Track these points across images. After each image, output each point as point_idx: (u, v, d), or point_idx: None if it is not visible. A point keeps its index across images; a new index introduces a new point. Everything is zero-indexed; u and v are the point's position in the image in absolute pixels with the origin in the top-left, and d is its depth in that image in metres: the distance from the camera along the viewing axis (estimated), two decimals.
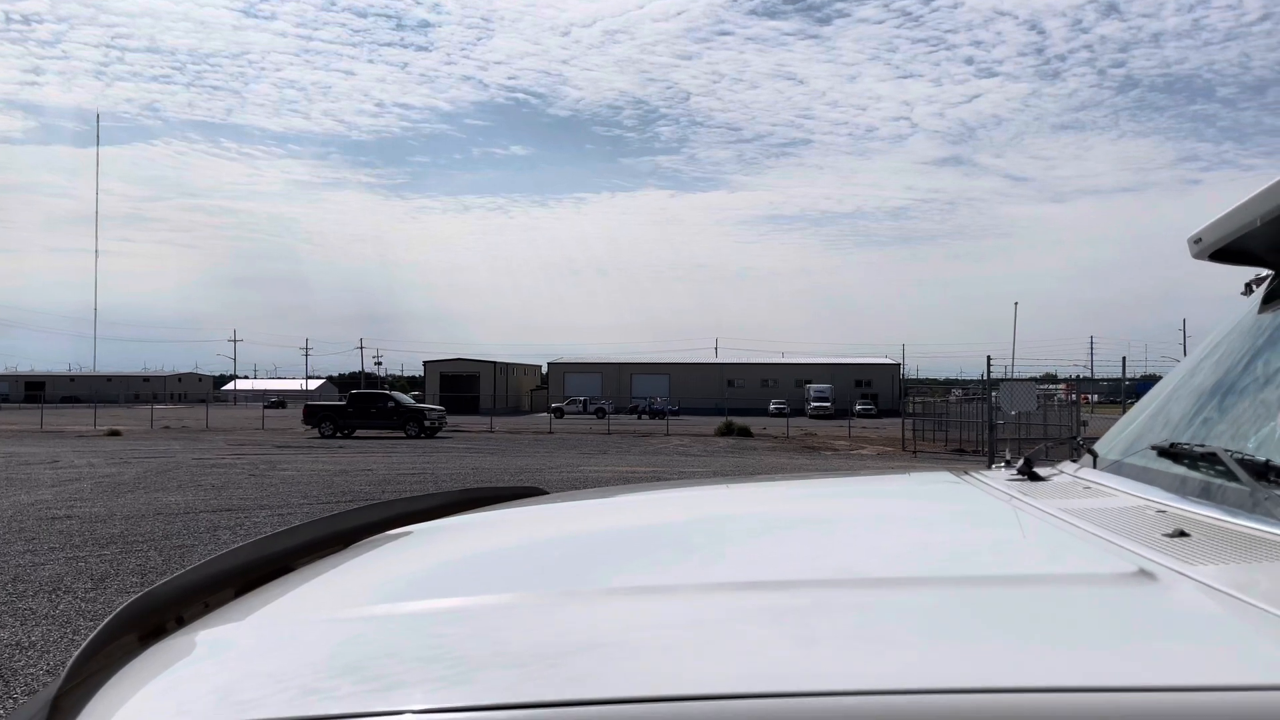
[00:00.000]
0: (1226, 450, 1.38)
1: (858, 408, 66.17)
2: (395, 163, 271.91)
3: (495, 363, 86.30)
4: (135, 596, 1.29)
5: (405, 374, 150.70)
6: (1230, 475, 1.36)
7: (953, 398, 39.32)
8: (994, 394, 23.38)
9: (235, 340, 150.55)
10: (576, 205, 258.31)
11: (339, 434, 35.57)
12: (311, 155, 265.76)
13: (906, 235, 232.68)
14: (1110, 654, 0.87)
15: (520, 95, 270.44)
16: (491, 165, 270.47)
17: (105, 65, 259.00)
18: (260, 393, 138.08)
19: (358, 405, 36.72)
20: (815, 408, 68.19)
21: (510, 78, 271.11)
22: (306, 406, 38.56)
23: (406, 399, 39.78)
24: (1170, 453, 1.62)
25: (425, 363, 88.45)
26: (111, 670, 1.11)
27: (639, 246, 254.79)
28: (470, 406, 72.80)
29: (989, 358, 24.67)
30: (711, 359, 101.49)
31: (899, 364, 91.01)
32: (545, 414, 62.64)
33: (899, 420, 36.69)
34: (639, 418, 62.21)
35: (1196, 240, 2.21)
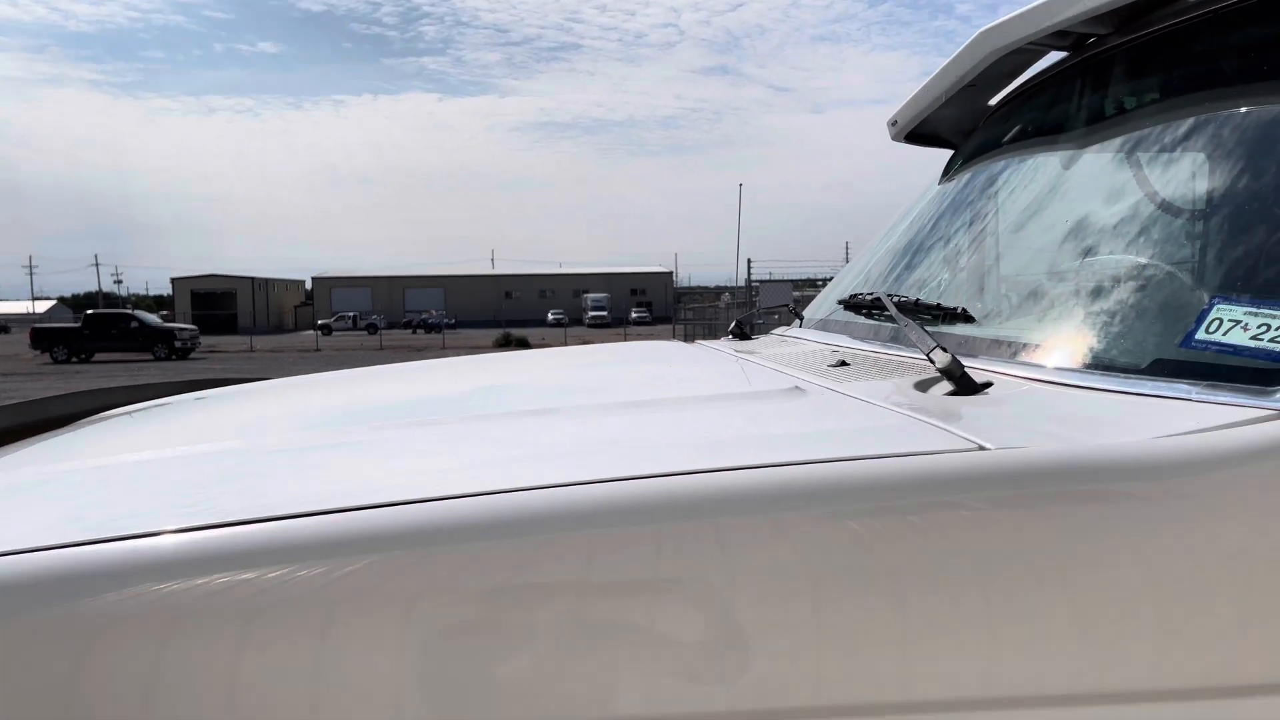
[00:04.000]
0: (889, 295, 1.58)
1: (633, 315, 67.95)
2: (124, 58, 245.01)
3: (253, 279, 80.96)
4: None
5: (151, 293, 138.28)
6: (889, 316, 1.55)
7: (722, 303, 41.14)
8: (756, 296, 24.80)
9: None
10: (335, 108, 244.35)
11: (75, 359, 32.45)
12: (22, 48, 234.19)
13: (677, 145, 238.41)
14: (762, 444, 1.07)
15: None
16: (238, 63, 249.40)
17: None
18: None
19: (96, 327, 33.63)
20: (593, 317, 69.33)
21: None
22: (34, 330, 34.82)
23: (153, 319, 36.98)
24: (851, 304, 1.83)
25: (173, 280, 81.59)
26: None
27: (406, 153, 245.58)
28: (228, 326, 68.16)
29: (749, 260, 26.02)
30: (488, 271, 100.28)
31: (672, 272, 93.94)
32: (312, 331, 59.88)
33: (672, 326, 38.14)
34: (414, 332, 60.76)
35: (893, 123, 2.43)
